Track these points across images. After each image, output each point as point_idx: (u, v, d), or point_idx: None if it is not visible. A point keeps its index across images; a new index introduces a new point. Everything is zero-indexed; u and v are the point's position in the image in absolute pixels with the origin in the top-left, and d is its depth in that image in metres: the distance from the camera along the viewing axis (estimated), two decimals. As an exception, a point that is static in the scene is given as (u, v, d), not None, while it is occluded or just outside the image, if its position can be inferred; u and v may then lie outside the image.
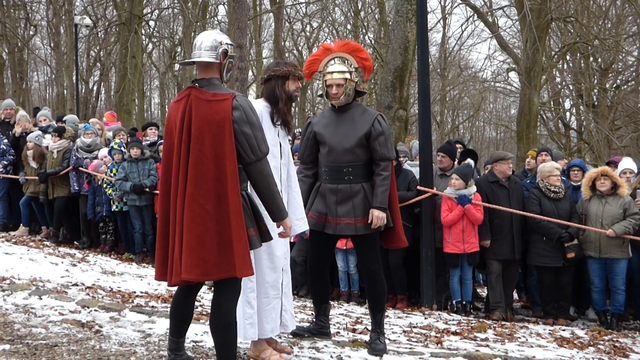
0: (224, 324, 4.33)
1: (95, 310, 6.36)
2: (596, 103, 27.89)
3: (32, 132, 11.89)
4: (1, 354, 4.94)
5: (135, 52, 27.84)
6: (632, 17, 27.29)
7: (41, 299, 6.70)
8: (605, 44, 25.77)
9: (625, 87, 28.41)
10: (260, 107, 5.10)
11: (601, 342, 7.11)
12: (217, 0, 34.84)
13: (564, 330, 7.76)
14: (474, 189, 8.40)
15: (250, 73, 30.67)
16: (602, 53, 27.30)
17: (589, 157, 24.45)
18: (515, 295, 10.03)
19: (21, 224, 11.87)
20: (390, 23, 20.16)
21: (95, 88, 38.63)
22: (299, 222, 5.36)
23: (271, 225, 4.62)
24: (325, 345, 5.70)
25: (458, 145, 10.66)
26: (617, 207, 8.22)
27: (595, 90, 28.05)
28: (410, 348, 5.97)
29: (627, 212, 8.17)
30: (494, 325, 7.64)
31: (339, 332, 6.33)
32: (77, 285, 7.66)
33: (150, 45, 37.58)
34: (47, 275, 8.07)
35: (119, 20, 28.55)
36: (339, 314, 7.49)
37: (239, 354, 5.04)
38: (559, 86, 30.77)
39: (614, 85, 28.56)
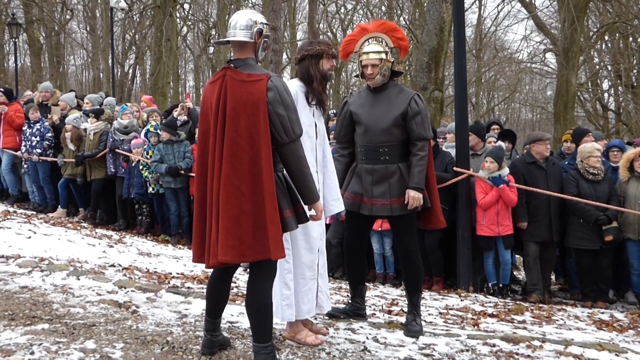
0: (259, 304, 4.33)
1: (132, 291, 6.42)
2: (635, 84, 27.56)
3: (71, 114, 12.00)
4: (40, 332, 5.00)
5: (170, 35, 28.00)
6: None
7: (79, 279, 6.77)
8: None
9: None
10: (295, 87, 5.08)
11: (641, 325, 7.04)
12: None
13: (602, 313, 7.68)
14: (506, 170, 8.32)
15: (284, 55, 30.63)
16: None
17: (628, 139, 24.10)
18: (553, 278, 9.93)
19: (59, 206, 12.01)
20: (426, 4, 20.06)
21: (130, 71, 39.00)
22: (335, 202, 5.35)
23: (306, 208, 4.61)
24: (361, 327, 5.71)
25: (495, 127, 10.56)
26: (657, 188, 8.11)
27: (635, 71, 27.73)
28: (446, 330, 5.95)
29: (667, 193, 8.06)
30: (532, 307, 7.59)
31: (374, 314, 6.33)
32: (114, 266, 7.74)
33: (185, 29, 37.78)
34: (85, 256, 8.17)
35: (154, 4, 28.65)
36: (375, 296, 7.49)
37: (274, 334, 5.04)
38: (597, 67, 30.33)
39: None
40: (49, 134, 12.09)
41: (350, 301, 6.05)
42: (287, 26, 34.55)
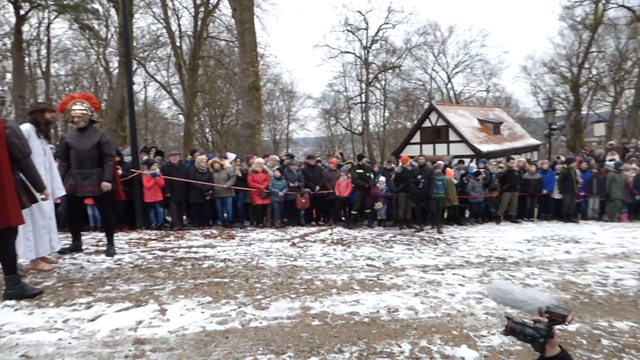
0: (3, 253, 3.38)
1: None
2: (219, 130, 28.27)
3: None
4: None
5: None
6: (233, 92, 27.70)
7: None
8: (222, 103, 26.29)
9: (231, 123, 29.12)
10: (28, 127, 4.05)
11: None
12: (6, 70, 26.87)
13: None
14: (157, 170, 7.73)
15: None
16: (221, 107, 27.72)
17: (218, 156, 24.56)
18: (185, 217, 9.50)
19: None
20: (115, 87, 17.82)
21: None
22: (59, 190, 4.43)
23: (38, 194, 3.70)
24: (80, 255, 4.87)
25: (153, 149, 9.73)
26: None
27: (219, 124, 28.41)
28: (129, 250, 5.37)
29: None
30: (174, 233, 7.20)
31: (88, 248, 5.40)
32: None
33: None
34: None
35: None
36: (89, 238, 6.38)
37: (21, 268, 4.00)
38: (202, 122, 30.29)
39: (227, 122, 29.17)
40: None
41: (72, 242, 5.09)
42: (30, 95, 27.57)
